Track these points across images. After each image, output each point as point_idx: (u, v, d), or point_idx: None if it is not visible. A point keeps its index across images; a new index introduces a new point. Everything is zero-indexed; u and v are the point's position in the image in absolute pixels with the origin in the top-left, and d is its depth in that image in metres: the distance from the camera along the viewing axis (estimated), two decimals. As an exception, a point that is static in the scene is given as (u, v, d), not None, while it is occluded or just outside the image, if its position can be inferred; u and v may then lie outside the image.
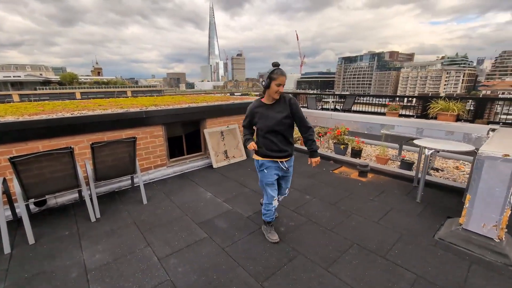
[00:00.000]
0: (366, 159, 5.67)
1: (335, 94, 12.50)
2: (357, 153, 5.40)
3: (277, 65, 2.18)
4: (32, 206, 3.15)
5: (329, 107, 9.83)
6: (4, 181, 2.79)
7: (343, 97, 10.02)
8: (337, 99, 10.61)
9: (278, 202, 2.63)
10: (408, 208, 3.15)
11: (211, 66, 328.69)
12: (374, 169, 4.44)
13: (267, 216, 2.53)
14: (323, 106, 10.35)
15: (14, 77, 47.43)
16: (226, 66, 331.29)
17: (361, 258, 2.28)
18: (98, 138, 3.58)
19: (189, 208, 3.24)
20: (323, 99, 11.12)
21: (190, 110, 4.60)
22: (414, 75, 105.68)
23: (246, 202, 3.38)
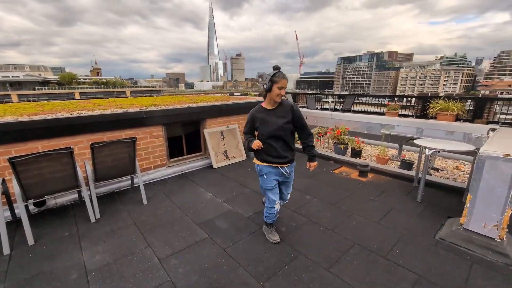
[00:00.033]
0: (366, 159, 5.67)
1: (335, 94, 12.50)
2: (357, 153, 5.40)
3: (278, 68, 2.17)
4: (31, 207, 3.13)
5: (328, 107, 9.83)
6: (3, 181, 2.77)
7: (343, 97, 10.02)
8: (336, 99, 10.60)
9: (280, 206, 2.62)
10: (408, 208, 3.15)
11: (210, 66, 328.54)
12: (374, 169, 4.44)
13: (269, 218, 2.52)
14: (323, 106, 10.35)
15: (12, 77, 47.29)
16: (225, 66, 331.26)
17: (362, 258, 2.27)
18: (97, 138, 3.57)
19: (189, 208, 3.24)
20: (323, 99, 11.12)
21: (190, 110, 4.58)
22: (413, 75, 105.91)
23: (247, 202, 3.37)
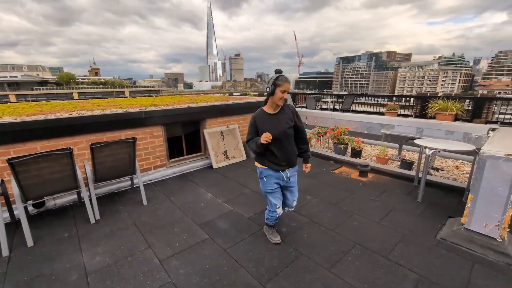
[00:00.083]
0: (366, 159, 5.67)
1: (334, 94, 12.51)
2: (357, 153, 5.40)
3: (280, 71, 2.15)
4: (30, 208, 3.11)
5: (328, 107, 9.83)
6: (2, 182, 2.75)
7: (342, 97, 10.02)
8: (335, 99, 10.60)
9: (284, 210, 2.58)
10: (409, 208, 3.15)
11: (209, 66, 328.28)
12: (374, 169, 4.44)
13: (270, 221, 2.51)
14: (322, 106, 10.35)
15: (10, 77, 47.04)
16: (224, 66, 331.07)
17: (364, 258, 2.27)
18: (97, 138, 3.55)
19: (189, 209, 3.22)
20: (322, 99, 11.12)
21: (190, 110, 4.57)
22: (412, 75, 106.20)
23: (247, 202, 3.36)
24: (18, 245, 2.52)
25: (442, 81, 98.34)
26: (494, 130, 3.88)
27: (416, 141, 3.55)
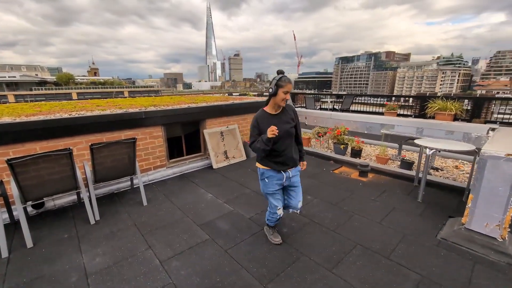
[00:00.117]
0: (366, 159, 5.67)
1: (333, 94, 12.51)
2: (357, 153, 5.39)
3: (282, 72, 2.14)
4: (29, 209, 3.10)
5: (327, 107, 9.83)
6: (1, 183, 2.74)
7: (341, 97, 10.02)
8: (335, 99, 10.60)
9: (289, 212, 2.58)
10: (409, 208, 3.15)
11: (209, 66, 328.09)
12: (374, 169, 4.45)
13: (271, 222, 2.50)
14: (321, 106, 10.35)
15: (9, 77, 46.85)
16: (223, 66, 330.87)
17: (365, 259, 2.27)
18: (97, 139, 3.54)
19: (190, 209, 3.21)
20: (321, 99, 11.11)
21: (190, 110, 4.56)
22: (411, 75, 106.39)
23: (247, 203, 3.35)
24: (18, 246, 2.51)
25: (441, 81, 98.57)
26: (493, 130, 3.88)
27: (416, 141, 3.55)
